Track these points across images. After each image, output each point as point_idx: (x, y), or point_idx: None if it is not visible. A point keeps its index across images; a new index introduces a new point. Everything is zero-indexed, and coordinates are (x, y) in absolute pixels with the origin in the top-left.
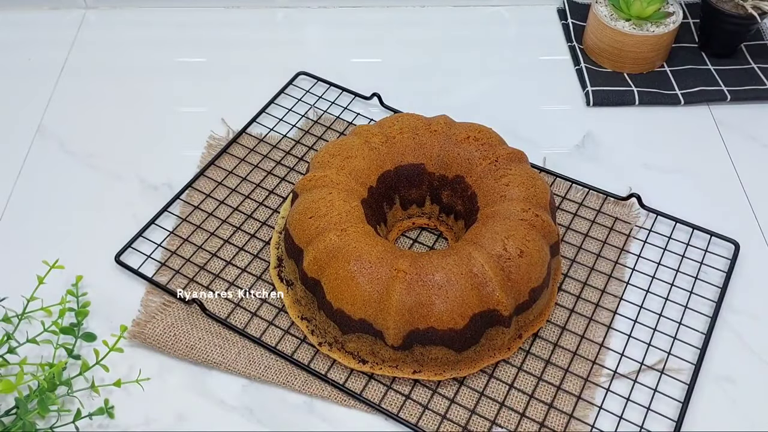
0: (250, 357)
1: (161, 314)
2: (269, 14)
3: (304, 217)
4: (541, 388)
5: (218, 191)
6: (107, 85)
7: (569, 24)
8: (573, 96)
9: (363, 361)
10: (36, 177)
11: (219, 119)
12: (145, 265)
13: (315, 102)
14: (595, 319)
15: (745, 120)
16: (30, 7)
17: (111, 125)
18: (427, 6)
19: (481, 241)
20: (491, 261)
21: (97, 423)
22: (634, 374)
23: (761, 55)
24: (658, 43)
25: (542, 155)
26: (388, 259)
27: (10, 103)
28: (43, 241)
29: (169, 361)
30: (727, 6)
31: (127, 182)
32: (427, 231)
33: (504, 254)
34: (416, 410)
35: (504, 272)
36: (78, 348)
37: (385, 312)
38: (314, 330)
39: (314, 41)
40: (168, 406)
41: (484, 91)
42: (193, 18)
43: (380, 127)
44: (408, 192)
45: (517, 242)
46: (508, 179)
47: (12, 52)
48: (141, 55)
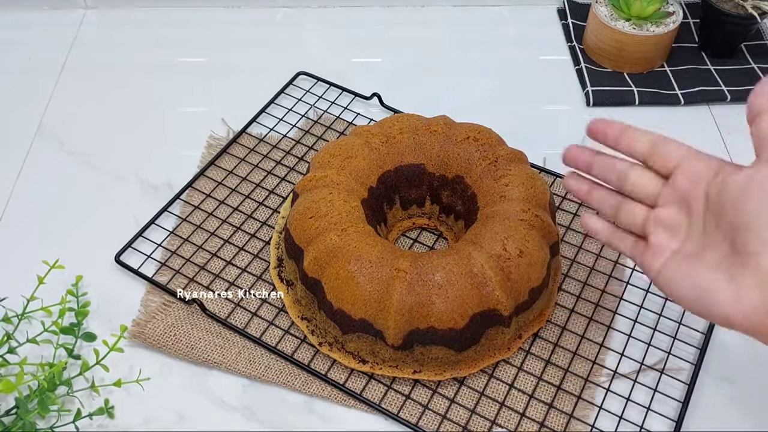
0: (251, 357)
1: (161, 314)
2: (269, 14)
3: (305, 217)
4: (541, 388)
5: (218, 191)
6: (107, 84)
7: (569, 24)
8: (573, 96)
9: (363, 361)
10: (36, 177)
11: (219, 119)
12: (145, 265)
13: (315, 102)
14: (595, 319)
15: (745, 120)
16: (30, 7)
17: (111, 125)
18: (427, 6)
19: (481, 241)
20: (491, 261)
21: (97, 423)
22: (634, 374)
23: (761, 55)
24: (658, 43)
25: (542, 155)
26: (389, 259)
27: (10, 102)
28: (43, 241)
29: (169, 361)
30: (727, 6)
31: (127, 182)
32: (427, 231)
33: (504, 254)
34: (416, 410)
35: (504, 272)
36: (78, 348)
37: (386, 312)
38: (314, 330)
39: (314, 41)
40: (168, 406)
41: (484, 91)
42: (193, 18)
43: (380, 127)
44: (408, 192)
45: (517, 242)
46: (507, 179)
47: (12, 51)
48: (141, 55)
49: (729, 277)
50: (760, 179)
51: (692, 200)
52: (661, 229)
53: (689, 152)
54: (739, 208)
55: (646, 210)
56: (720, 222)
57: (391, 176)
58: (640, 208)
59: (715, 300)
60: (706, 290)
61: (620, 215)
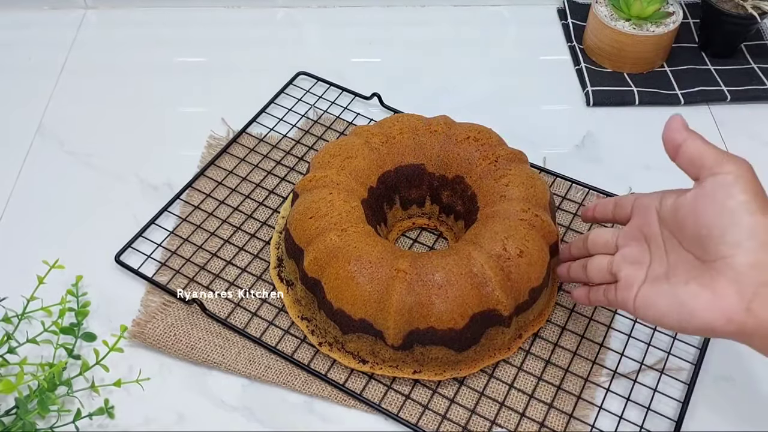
0: (251, 357)
1: (161, 314)
2: (269, 14)
3: (305, 217)
4: (541, 388)
5: (218, 191)
6: (107, 85)
7: (569, 24)
8: (573, 96)
9: (363, 361)
10: (36, 177)
11: (219, 119)
12: (145, 265)
13: (315, 102)
14: (595, 319)
15: (745, 120)
16: (30, 7)
17: (111, 125)
18: (427, 6)
19: (481, 241)
20: (491, 261)
21: (97, 423)
22: (634, 374)
23: (761, 55)
24: (658, 43)
25: (542, 155)
26: (388, 259)
27: (10, 102)
28: (43, 241)
29: (169, 361)
30: (727, 6)
31: (127, 182)
32: (427, 231)
33: (504, 254)
34: (416, 410)
35: (504, 272)
36: (78, 348)
37: (385, 312)
38: (314, 330)
39: (314, 41)
40: (168, 406)
41: (484, 91)
42: (193, 18)
43: (380, 127)
44: (408, 192)
45: (517, 242)
46: (507, 179)
47: (12, 52)
48: (141, 55)
49: (702, 285)
50: (709, 192)
51: (647, 229)
52: (627, 264)
53: (638, 195)
54: (698, 221)
55: (609, 257)
56: (682, 239)
57: (391, 176)
58: (604, 257)
59: (693, 309)
60: (682, 303)
61: (590, 268)
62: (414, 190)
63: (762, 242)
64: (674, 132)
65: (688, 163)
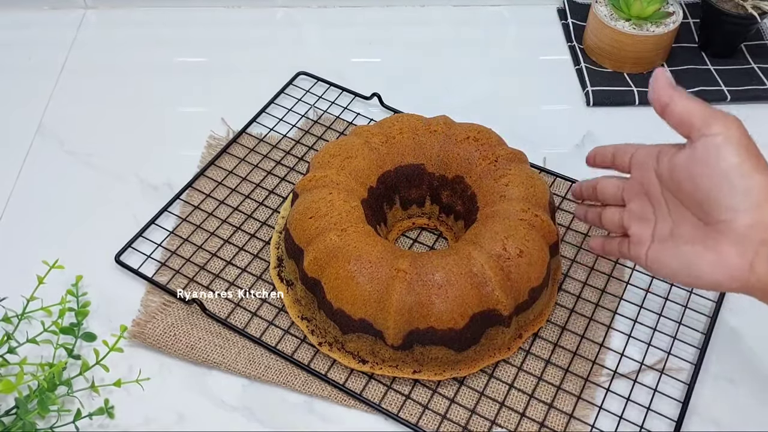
0: (250, 357)
1: (161, 314)
2: (269, 14)
3: (305, 217)
4: (541, 388)
5: (218, 191)
6: (107, 84)
7: (569, 24)
8: (573, 96)
9: (363, 361)
10: (36, 177)
11: (219, 119)
12: (145, 265)
13: (315, 102)
14: (595, 319)
15: (745, 120)
16: (30, 7)
17: (111, 125)
18: (427, 6)
19: (481, 241)
20: (491, 261)
21: (97, 423)
22: (634, 374)
23: (761, 55)
24: (658, 43)
25: (542, 155)
26: (388, 258)
27: (10, 102)
28: (43, 241)
29: (169, 361)
30: (727, 6)
31: (127, 182)
32: (427, 231)
33: (503, 254)
34: (416, 410)
35: (503, 272)
36: (78, 348)
37: (385, 312)
38: (314, 330)
39: (314, 41)
40: (168, 406)
41: (484, 91)
42: (193, 18)
43: (380, 127)
44: (408, 192)
45: (517, 242)
46: (507, 179)
47: (12, 51)
48: (141, 55)
49: (706, 247)
50: (700, 155)
51: (648, 187)
52: (635, 221)
53: (637, 146)
54: (694, 186)
55: (621, 210)
56: (682, 198)
57: (391, 176)
58: (616, 210)
59: (700, 269)
60: (690, 263)
61: (603, 220)
62: (414, 190)
63: (757, 202)
64: (660, 90)
65: (677, 122)
